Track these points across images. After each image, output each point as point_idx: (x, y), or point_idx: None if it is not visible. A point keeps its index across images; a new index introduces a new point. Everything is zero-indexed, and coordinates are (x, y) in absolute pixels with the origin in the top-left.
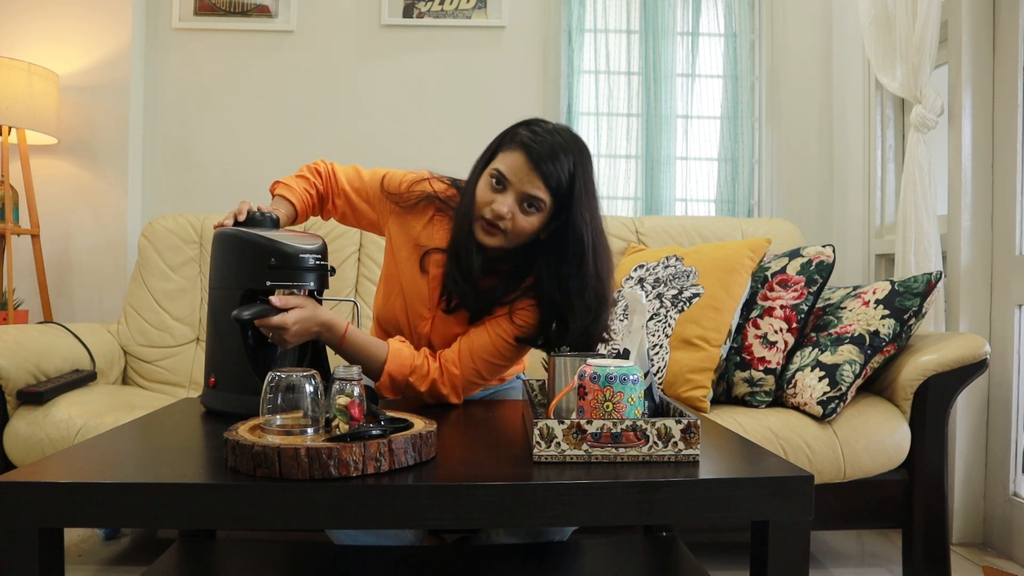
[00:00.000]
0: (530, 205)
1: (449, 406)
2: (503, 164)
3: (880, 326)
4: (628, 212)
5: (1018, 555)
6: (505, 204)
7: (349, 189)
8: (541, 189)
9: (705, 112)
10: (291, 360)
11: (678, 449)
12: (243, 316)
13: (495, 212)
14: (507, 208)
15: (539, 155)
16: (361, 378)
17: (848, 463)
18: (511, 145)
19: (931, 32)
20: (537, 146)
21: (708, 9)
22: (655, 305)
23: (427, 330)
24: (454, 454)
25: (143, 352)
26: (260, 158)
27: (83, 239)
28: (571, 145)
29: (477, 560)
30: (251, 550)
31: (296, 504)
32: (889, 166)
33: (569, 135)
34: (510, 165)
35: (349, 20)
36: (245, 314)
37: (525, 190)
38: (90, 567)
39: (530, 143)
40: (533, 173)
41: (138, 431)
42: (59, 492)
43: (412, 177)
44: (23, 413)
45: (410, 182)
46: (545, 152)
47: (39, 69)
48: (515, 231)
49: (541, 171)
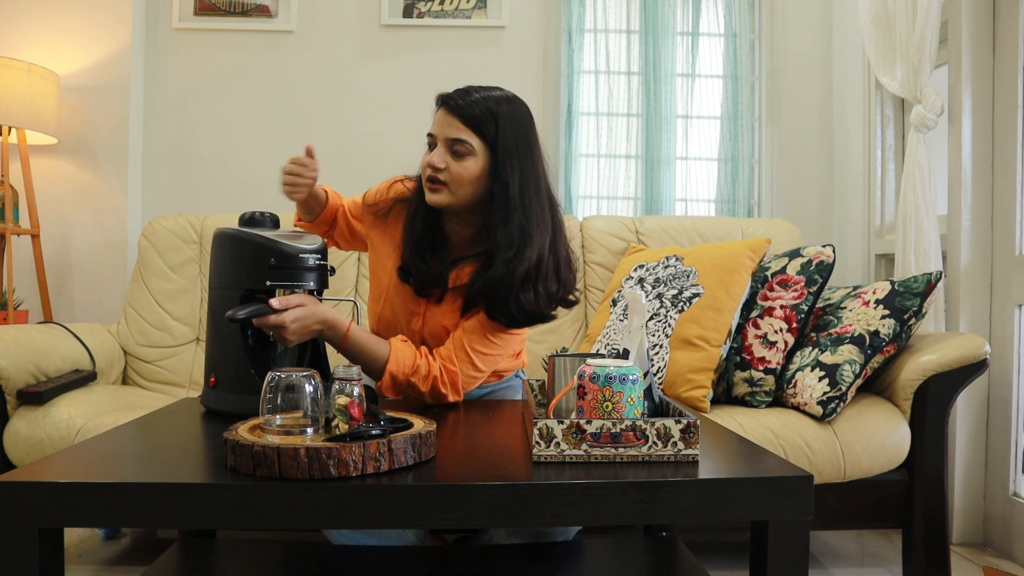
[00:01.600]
0: (460, 148)
1: (449, 406)
2: (432, 126)
3: (880, 326)
4: (628, 212)
5: (1018, 555)
6: (436, 155)
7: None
8: (461, 129)
9: (705, 112)
10: (291, 360)
11: (678, 449)
12: (237, 316)
13: (429, 164)
14: (439, 158)
15: (451, 98)
16: (361, 378)
17: (848, 463)
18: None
19: (931, 32)
20: (452, 93)
21: (708, 9)
22: (655, 305)
23: (420, 326)
24: (454, 454)
25: (143, 352)
26: (260, 158)
27: (83, 239)
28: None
29: (477, 560)
30: (251, 550)
31: (296, 504)
32: (889, 166)
33: (498, 90)
34: (435, 121)
35: (349, 20)
36: (240, 314)
37: (448, 135)
38: (90, 567)
39: (445, 95)
40: (449, 116)
41: (138, 431)
42: (59, 492)
43: (386, 184)
44: (23, 413)
45: (384, 188)
46: (458, 96)
47: (39, 69)
48: (454, 180)
49: (456, 112)
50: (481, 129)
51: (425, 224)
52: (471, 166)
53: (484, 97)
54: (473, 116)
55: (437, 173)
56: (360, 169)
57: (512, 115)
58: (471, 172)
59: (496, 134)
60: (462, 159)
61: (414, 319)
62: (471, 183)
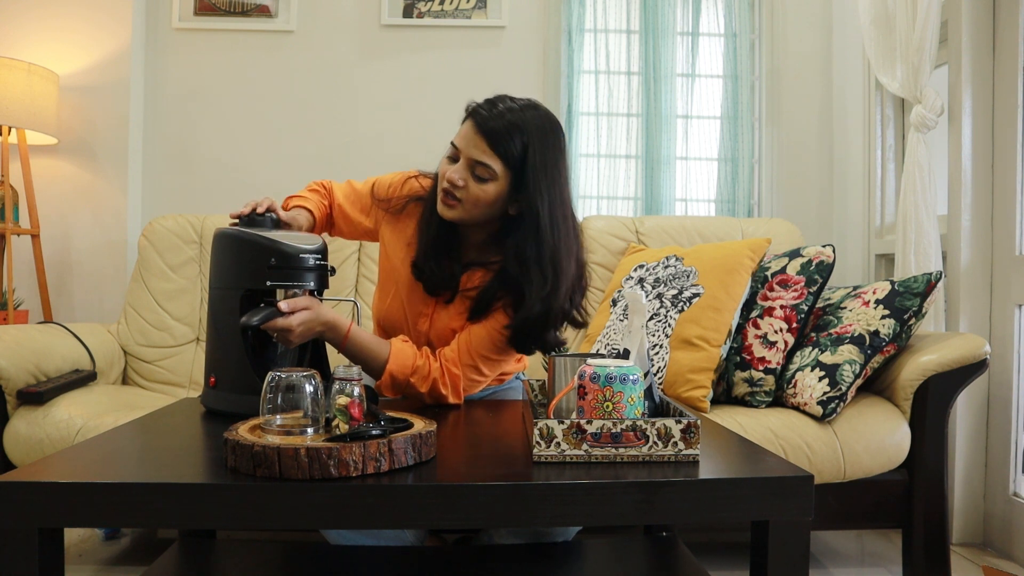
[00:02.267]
0: (481, 172)
1: (449, 406)
2: (457, 136)
3: (880, 326)
4: (628, 212)
5: (1018, 555)
6: (457, 172)
7: (345, 202)
8: (488, 155)
9: (705, 112)
10: (291, 360)
11: (678, 449)
12: (252, 323)
13: (448, 180)
14: (458, 176)
15: (484, 120)
16: (361, 378)
17: (848, 463)
18: (466, 117)
19: (931, 32)
20: (485, 112)
21: (708, 9)
22: (655, 305)
23: (426, 327)
24: (454, 454)
25: (143, 352)
26: (260, 158)
27: (83, 239)
28: (528, 117)
29: (477, 560)
30: (251, 550)
31: (296, 504)
32: (889, 166)
33: (531, 109)
34: (461, 134)
35: (349, 20)
36: (254, 320)
37: (473, 156)
38: (90, 567)
39: (478, 111)
40: (479, 137)
41: (138, 431)
42: (59, 492)
43: (399, 179)
44: (23, 413)
45: (398, 184)
46: (491, 118)
47: (39, 69)
48: (470, 200)
49: (487, 136)
50: (505, 152)
51: (440, 228)
52: (490, 190)
53: (512, 114)
54: (499, 137)
55: (455, 190)
56: (360, 169)
57: (540, 132)
58: (489, 196)
59: (523, 156)
60: (482, 183)
61: (421, 320)
62: (487, 206)
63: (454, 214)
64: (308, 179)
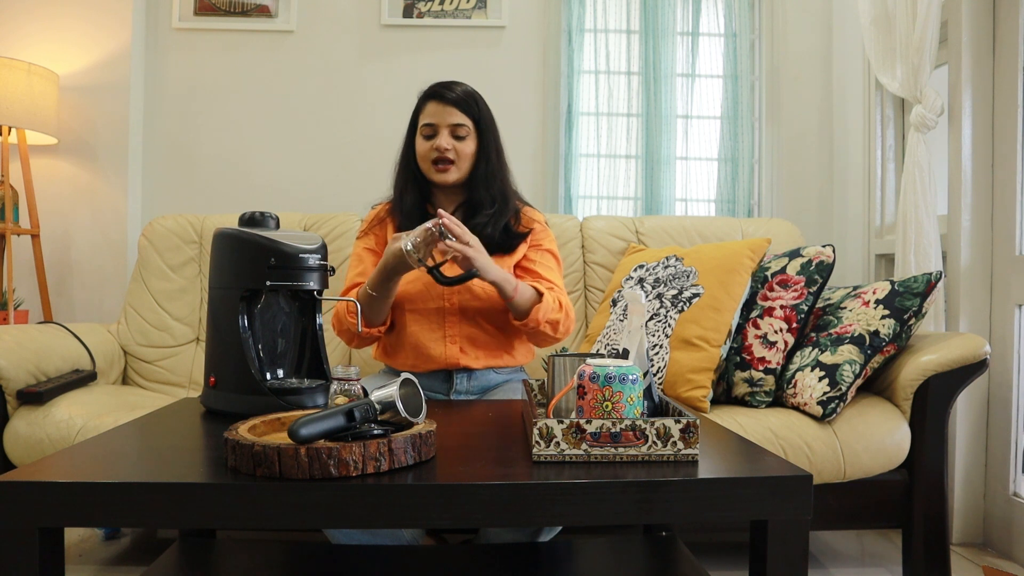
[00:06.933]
0: (460, 132)
1: (447, 405)
2: (426, 117)
3: (880, 326)
4: (628, 212)
5: (1018, 555)
6: (443, 139)
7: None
8: (459, 115)
9: (705, 112)
10: (291, 360)
11: (677, 449)
12: (466, 274)
13: (438, 148)
14: (446, 141)
15: (443, 92)
16: (360, 378)
17: (848, 463)
18: (424, 103)
19: (931, 32)
20: (441, 88)
21: (708, 9)
22: (655, 305)
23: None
24: (454, 454)
25: (143, 352)
26: (260, 158)
27: (83, 239)
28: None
29: (477, 560)
30: (251, 550)
31: (296, 504)
32: (889, 166)
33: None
34: (431, 113)
35: (349, 20)
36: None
37: (451, 121)
38: (90, 567)
39: (435, 90)
40: (450, 108)
41: (138, 431)
42: (59, 492)
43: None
44: (23, 413)
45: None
46: (453, 92)
47: (39, 69)
48: (461, 158)
49: (456, 104)
50: (471, 112)
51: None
52: (470, 144)
53: (462, 87)
54: (465, 103)
55: (446, 153)
56: (360, 169)
57: (482, 98)
58: (470, 149)
59: (480, 116)
60: (462, 141)
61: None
62: (470, 158)
63: (451, 175)
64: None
